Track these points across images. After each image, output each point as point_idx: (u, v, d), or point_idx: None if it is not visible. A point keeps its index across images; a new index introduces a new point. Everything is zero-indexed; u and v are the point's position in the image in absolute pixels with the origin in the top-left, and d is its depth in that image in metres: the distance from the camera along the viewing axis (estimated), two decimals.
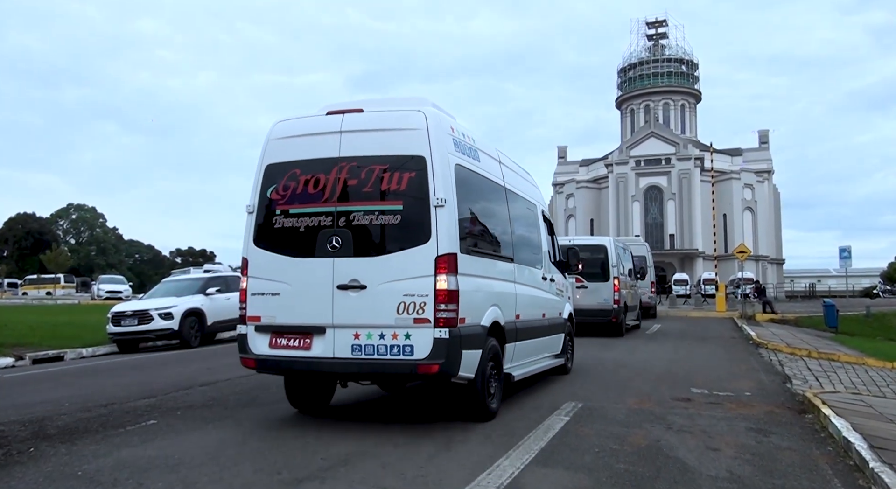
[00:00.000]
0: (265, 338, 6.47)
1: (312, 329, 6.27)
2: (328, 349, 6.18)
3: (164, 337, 15.29)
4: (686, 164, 74.76)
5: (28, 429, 6.41)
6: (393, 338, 6.02)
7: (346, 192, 6.38)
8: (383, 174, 6.29)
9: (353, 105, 6.74)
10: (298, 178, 6.56)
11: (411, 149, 6.27)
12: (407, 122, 6.39)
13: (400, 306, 6.01)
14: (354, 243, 6.24)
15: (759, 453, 5.49)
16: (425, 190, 6.13)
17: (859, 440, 5.38)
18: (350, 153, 6.43)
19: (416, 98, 6.87)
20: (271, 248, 6.58)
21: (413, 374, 6.18)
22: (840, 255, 31.15)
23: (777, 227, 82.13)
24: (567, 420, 6.65)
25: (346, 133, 6.49)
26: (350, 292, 6.16)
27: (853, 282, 59.87)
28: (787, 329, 20.77)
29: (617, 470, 4.91)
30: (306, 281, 6.33)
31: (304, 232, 6.43)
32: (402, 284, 6.05)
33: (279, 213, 6.59)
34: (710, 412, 7.23)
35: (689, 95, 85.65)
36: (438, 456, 5.27)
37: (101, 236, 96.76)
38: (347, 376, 6.67)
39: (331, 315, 6.19)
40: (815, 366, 11.30)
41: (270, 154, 6.82)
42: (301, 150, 6.66)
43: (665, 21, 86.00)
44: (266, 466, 4.97)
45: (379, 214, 6.26)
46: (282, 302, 6.41)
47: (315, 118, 6.79)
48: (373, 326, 6.07)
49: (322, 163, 6.50)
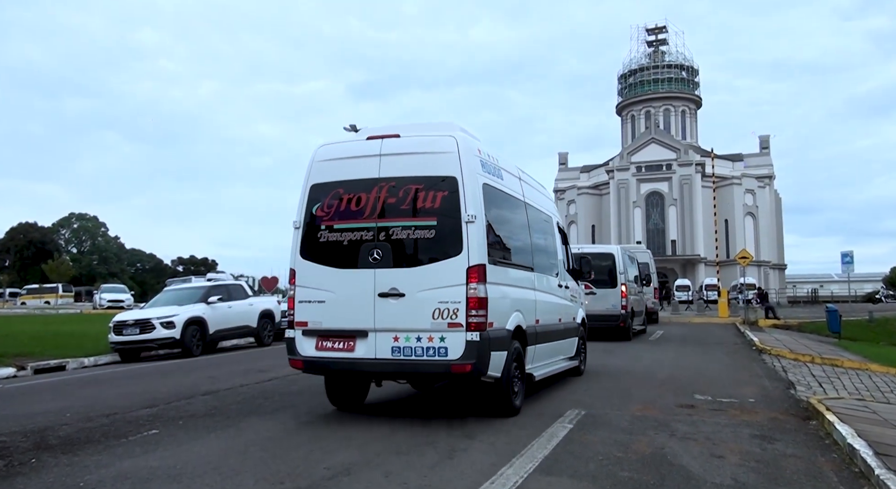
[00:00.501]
0: (312, 341, 7.14)
1: (356, 332, 6.95)
2: (370, 351, 6.86)
3: (165, 346, 15.28)
4: (687, 170, 74.75)
5: (30, 439, 6.40)
6: (429, 341, 6.68)
7: (386, 209, 7.07)
8: (419, 193, 6.98)
9: (391, 130, 7.43)
10: (342, 197, 7.25)
11: (444, 170, 6.96)
12: (440, 145, 7.07)
13: (435, 312, 6.68)
14: (393, 255, 6.93)
15: (763, 460, 5.46)
16: (457, 207, 6.82)
17: (864, 447, 5.35)
18: (388, 174, 7.12)
19: (446, 123, 7.59)
20: (317, 260, 7.26)
21: (448, 373, 6.74)
22: (842, 260, 31.01)
23: (779, 232, 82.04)
24: (571, 427, 6.63)
25: (385, 156, 7.19)
26: (390, 299, 6.85)
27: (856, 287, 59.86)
28: (789, 334, 20.72)
29: (621, 478, 4.89)
30: (350, 289, 7.02)
31: (348, 245, 7.13)
32: (437, 292, 6.72)
33: (324, 228, 7.29)
34: (714, 419, 7.20)
35: (689, 101, 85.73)
36: (441, 464, 5.24)
37: (102, 245, 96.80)
38: (387, 375, 7.37)
39: (373, 320, 6.87)
40: (819, 372, 11.26)
41: (315, 175, 7.49)
42: (344, 171, 7.35)
43: (665, 27, 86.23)
44: (268, 475, 4.95)
45: (415, 229, 6.95)
46: (327, 308, 7.09)
47: (356, 142, 7.58)
48: (411, 330, 6.73)
49: (363, 183, 7.18)
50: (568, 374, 10.28)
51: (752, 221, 76.34)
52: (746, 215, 75.98)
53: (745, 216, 75.82)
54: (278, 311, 19.20)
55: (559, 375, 9.68)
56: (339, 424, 6.92)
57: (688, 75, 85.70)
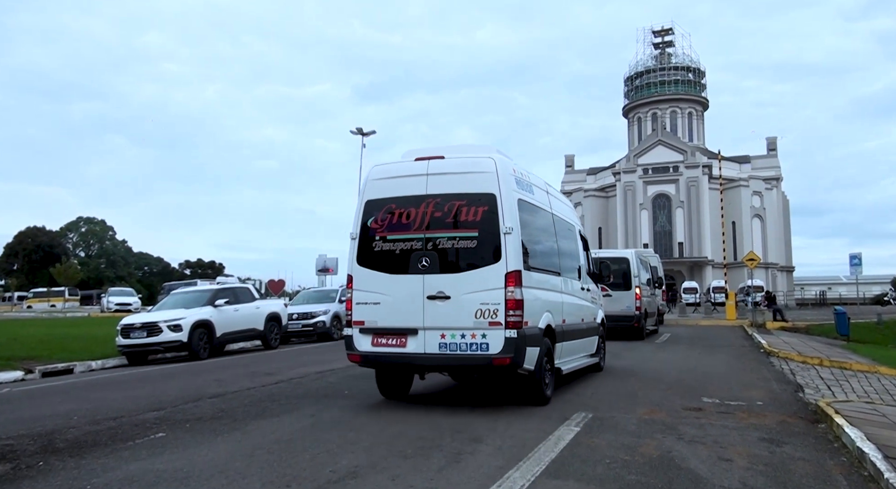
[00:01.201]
0: (368, 338, 8.04)
1: (407, 331, 7.83)
2: (420, 346, 7.74)
3: (173, 349, 15.32)
4: (694, 172, 74.64)
5: (37, 442, 6.42)
6: (472, 338, 7.56)
7: (432, 222, 7.94)
8: (461, 208, 7.85)
9: (436, 152, 8.35)
10: (393, 211, 8.16)
11: (484, 188, 7.83)
12: (480, 166, 7.98)
13: (477, 312, 7.55)
14: (440, 262, 7.83)
15: (771, 464, 5.43)
16: (496, 220, 7.69)
17: (874, 450, 5.31)
18: (435, 191, 8.01)
19: (484, 146, 8.55)
20: (372, 267, 8.15)
21: (489, 366, 7.55)
22: (850, 262, 30.88)
23: (786, 234, 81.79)
24: (577, 430, 6.61)
25: (431, 175, 8.09)
26: (437, 301, 7.72)
27: (864, 289, 59.51)
28: (798, 337, 20.62)
29: (629, 481, 4.87)
30: (402, 292, 7.90)
31: (399, 254, 8.03)
32: (479, 295, 7.59)
33: (378, 238, 8.18)
34: (722, 422, 7.17)
35: (696, 103, 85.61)
36: (448, 468, 5.23)
37: (110, 249, 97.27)
38: (435, 368, 8.21)
39: (422, 319, 7.75)
40: (828, 375, 11.20)
41: (369, 192, 8.40)
42: (395, 188, 8.25)
43: (671, 29, 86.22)
44: (275, 479, 4.94)
45: (459, 240, 7.84)
46: (382, 309, 7.99)
47: (405, 163, 8.41)
48: (456, 328, 7.61)
49: (412, 199, 8.09)
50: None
51: (760, 223, 76.12)
52: (754, 217, 75.77)
53: (753, 218, 75.62)
54: (285, 314, 19.28)
55: (566, 378, 9.72)
56: (346, 427, 6.92)
57: (694, 77, 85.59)
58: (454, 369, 8.33)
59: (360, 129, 38.82)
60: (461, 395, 9.10)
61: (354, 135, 38.83)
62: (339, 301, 21.94)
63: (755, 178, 76.57)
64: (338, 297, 22.15)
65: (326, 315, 21.03)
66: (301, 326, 20.70)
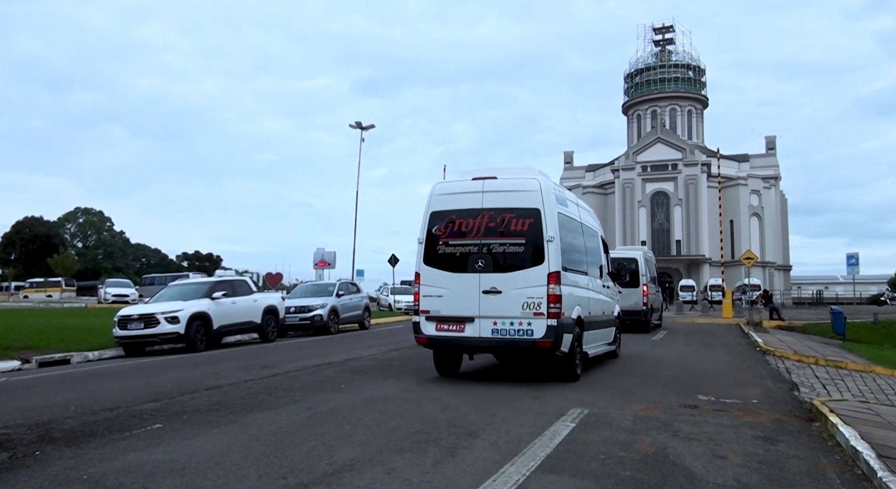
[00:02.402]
0: (432, 324, 9.77)
1: (465, 319, 9.52)
2: (476, 331, 9.45)
3: (170, 340, 15.31)
4: (693, 170, 74.64)
5: (34, 432, 6.43)
6: (519, 325, 9.24)
7: (487, 230, 9.62)
8: (511, 220, 9.52)
9: (490, 173, 10.00)
10: (454, 221, 9.86)
11: (530, 203, 9.51)
12: (527, 186, 9.66)
13: (524, 304, 9.23)
14: (493, 264, 9.51)
15: (766, 461, 5.45)
16: (540, 231, 9.38)
17: (867, 449, 5.34)
18: (489, 205, 9.69)
19: (530, 168, 10.27)
20: (436, 266, 9.84)
21: (533, 348, 9.21)
22: (847, 262, 30.86)
23: (784, 233, 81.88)
24: (573, 426, 6.63)
25: (486, 192, 9.77)
26: (490, 295, 9.40)
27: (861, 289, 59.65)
28: (794, 336, 20.67)
29: (623, 477, 4.89)
30: (461, 288, 9.59)
31: (459, 256, 9.72)
32: (526, 291, 9.26)
33: (441, 243, 9.87)
34: (717, 419, 7.20)
35: (695, 101, 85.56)
36: (444, 462, 5.25)
37: (108, 240, 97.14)
38: (487, 349, 9.95)
39: (478, 309, 9.44)
40: (823, 374, 11.24)
41: (434, 205, 10.12)
42: (455, 202, 9.96)
43: (672, 27, 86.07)
44: (271, 471, 4.96)
45: (509, 246, 9.53)
46: (444, 301, 9.70)
47: (464, 182, 10.07)
48: (506, 317, 9.29)
49: (470, 211, 9.78)
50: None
51: (758, 222, 76.18)
52: (752, 216, 75.83)
53: (751, 217, 75.67)
54: (282, 307, 19.29)
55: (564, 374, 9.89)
56: (342, 421, 6.93)
57: (694, 75, 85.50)
58: (503, 350, 10.30)
59: (359, 123, 38.76)
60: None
61: (353, 129, 38.77)
62: (337, 295, 22.00)
63: (754, 177, 76.59)
64: (335, 291, 22.17)
65: (324, 309, 21.04)
66: (298, 320, 20.72)
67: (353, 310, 23.26)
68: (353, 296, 23.54)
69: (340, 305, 22.09)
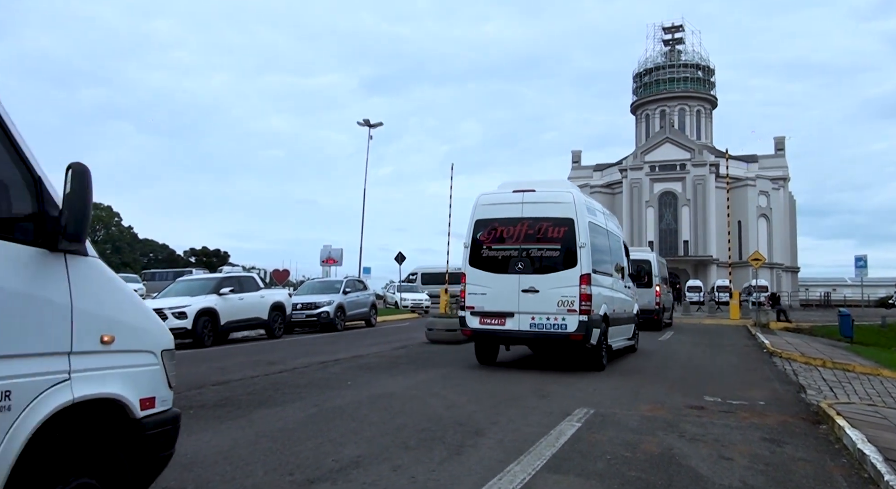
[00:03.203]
0: (476, 318, 11.15)
1: (506, 314, 10.89)
2: (515, 325, 10.83)
3: (177, 336, 15.35)
4: (701, 170, 74.35)
5: None
6: (554, 320, 10.57)
7: (526, 237, 11.00)
8: (548, 228, 10.88)
9: (529, 186, 11.37)
10: (496, 229, 11.28)
11: (565, 213, 10.88)
12: (562, 198, 11.07)
13: (559, 302, 10.56)
14: (532, 266, 10.89)
15: (772, 463, 5.45)
16: (573, 238, 10.72)
17: (874, 452, 5.33)
18: (528, 215, 11.09)
19: (564, 181, 12.68)
20: (481, 268, 11.26)
21: (567, 340, 10.59)
22: (856, 264, 30.82)
23: (792, 234, 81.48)
24: (579, 426, 6.64)
25: (525, 203, 11.14)
26: (529, 294, 10.74)
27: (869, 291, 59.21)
28: (801, 338, 20.59)
29: (629, 477, 4.89)
30: (502, 287, 10.96)
31: (501, 259, 11.13)
32: (560, 290, 10.59)
33: (485, 247, 11.28)
34: (724, 421, 7.19)
35: (704, 101, 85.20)
36: (449, 460, 5.27)
37: (116, 235, 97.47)
38: (524, 341, 11.60)
39: (517, 306, 10.80)
40: (830, 376, 11.20)
41: (478, 213, 11.54)
42: (498, 212, 11.37)
43: (682, 26, 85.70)
44: (278, 467, 4.99)
45: (546, 250, 10.88)
46: (487, 298, 11.09)
47: (505, 193, 11.45)
48: (542, 313, 10.64)
49: (511, 220, 11.18)
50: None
51: (766, 223, 75.85)
52: (760, 217, 75.50)
53: (759, 218, 75.34)
54: (289, 304, 19.35)
55: (568, 373, 10.11)
56: (349, 418, 6.96)
57: (703, 75, 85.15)
58: (539, 342, 11.58)
59: (367, 121, 38.80)
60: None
61: (361, 126, 38.82)
62: (344, 292, 22.04)
63: (762, 178, 76.24)
64: (342, 288, 22.21)
65: (330, 305, 21.10)
66: (305, 316, 20.78)
67: (360, 307, 23.31)
68: (359, 294, 23.60)
69: (347, 302, 22.15)
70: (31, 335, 2.60)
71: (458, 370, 11.11)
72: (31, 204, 2.72)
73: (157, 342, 3.43)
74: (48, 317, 2.68)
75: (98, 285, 3.03)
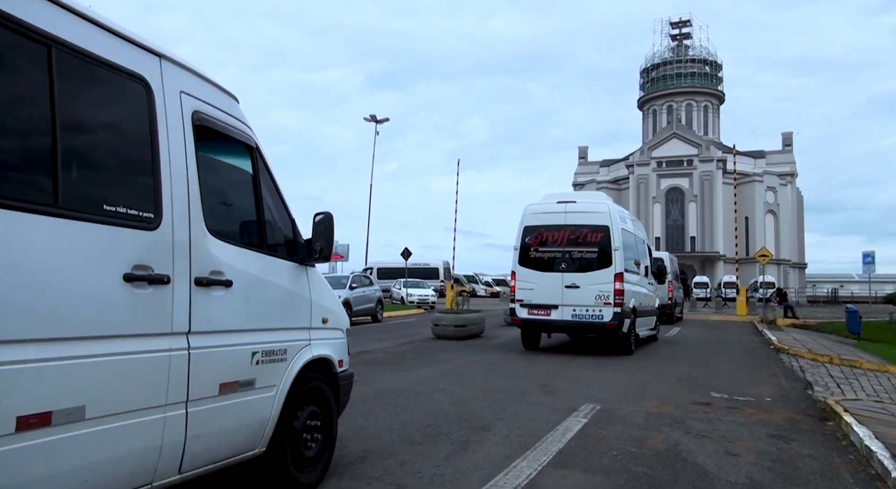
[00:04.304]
0: (525, 310, 13.28)
1: (551, 306, 13.00)
2: (559, 315, 12.92)
3: None
4: (708, 166, 74.14)
5: None
6: (592, 311, 12.64)
7: (568, 241, 13.05)
8: (587, 233, 12.93)
9: (571, 197, 13.90)
10: (542, 234, 13.33)
11: (601, 221, 12.96)
12: (599, 208, 13.26)
13: (596, 296, 12.61)
14: (573, 266, 12.93)
15: (779, 460, 5.44)
16: (609, 242, 12.80)
17: (881, 449, 5.31)
18: (570, 223, 13.14)
19: (600, 194, 15.27)
20: (529, 267, 13.33)
21: (603, 328, 12.65)
22: (863, 260, 30.55)
23: (800, 230, 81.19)
24: (585, 422, 6.64)
25: (568, 213, 13.22)
26: (571, 289, 12.81)
27: (876, 288, 59.02)
28: (808, 334, 20.52)
29: (635, 473, 4.89)
30: (548, 283, 13.04)
31: (547, 259, 13.20)
32: (598, 286, 12.64)
33: (532, 250, 13.35)
34: (730, 417, 7.17)
35: (712, 96, 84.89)
36: (455, 455, 5.27)
37: None
38: (566, 329, 13.63)
39: (561, 299, 12.89)
40: (837, 373, 11.16)
41: (527, 221, 13.58)
42: (544, 220, 13.42)
43: (689, 21, 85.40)
44: None
45: (586, 252, 12.93)
46: (535, 293, 13.15)
47: (551, 204, 13.53)
48: (582, 305, 12.72)
49: (555, 227, 13.25)
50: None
51: (773, 219, 75.61)
52: (767, 213, 75.28)
53: (766, 214, 75.13)
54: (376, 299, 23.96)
55: (572, 370, 10.11)
56: (355, 413, 6.96)
57: (711, 70, 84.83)
58: (578, 330, 13.36)
59: (373, 117, 38.80)
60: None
61: (368, 122, 38.83)
62: (350, 287, 22.09)
63: (770, 174, 75.98)
64: (348, 284, 22.26)
65: None
66: None
67: (366, 302, 23.32)
68: (365, 289, 23.60)
69: (353, 298, 22.16)
70: (295, 316, 4.27)
71: (463, 366, 11.11)
72: (290, 236, 4.36)
73: (345, 323, 5.00)
74: (301, 305, 4.32)
75: (319, 285, 4.61)
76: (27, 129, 2.58)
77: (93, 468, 2.71)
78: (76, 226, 2.65)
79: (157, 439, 3.02)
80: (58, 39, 2.68)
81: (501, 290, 46.06)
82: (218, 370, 3.45)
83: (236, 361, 3.61)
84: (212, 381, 3.39)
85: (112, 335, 2.81)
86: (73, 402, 2.59)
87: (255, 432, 3.78)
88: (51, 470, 2.51)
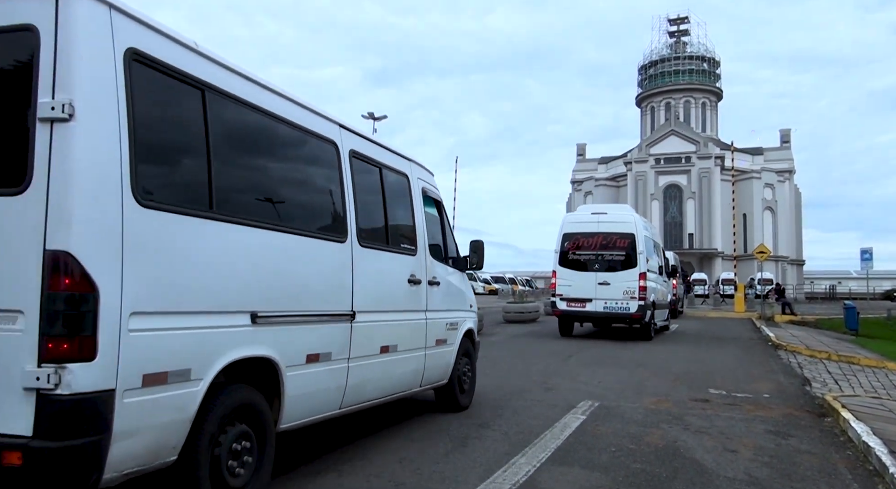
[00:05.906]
0: (564, 302, 15.91)
1: (586, 299, 15.58)
2: (593, 308, 15.54)
3: None
4: (706, 163, 74.17)
5: None
6: (621, 304, 15.23)
7: (601, 246, 15.69)
8: (617, 240, 15.60)
9: (602, 210, 16.85)
10: (580, 240, 15.97)
11: (628, 230, 15.66)
12: (626, 218, 16.17)
13: (624, 291, 15.19)
14: (605, 266, 15.57)
15: (777, 456, 5.45)
16: (634, 246, 15.45)
17: (879, 445, 5.32)
18: (602, 230, 15.77)
19: (627, 206, 19.77)
20: (567, 267, 16.02)
21: (629, 318, 15.35)
22: (861, 257, 30.56)
23: (797, 227, 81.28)
24: (584, 418, 6.65)
25: (601, 222, 15.91)
26: (603, 286, 15.37)
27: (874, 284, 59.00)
28: (806, 331, 20.55)
29: (633, 469, 4.90)
30: (583, 281, 15.65)
31: (583, 261, 15.90)
32: (625, 283, 15.22)
33: (570, 253, 16.06)
34: (728, 413, 7.19)
35: (710, 93, 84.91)
36: (454, 452, 5.28)
37: None
38: (599, 319, 16.26)
39: (594, 294, 15.47)
40: (835, 369, 11.18)
41: (566, 228, 16.29)
42: (580, 228, 16.11)
43: (687, 18, 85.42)
44: (284, 458, 5.00)
45: (615, 255, 15.58)
46: (572, 288, 15.78)
47: (586, 214, 16.77)
48: (612, 299, 15.28)
49: (590, 234, 15.87)
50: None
51: (771, 216, 75.69)
52: (765, 209, 75.36)
53: (764, 210, 75.21)
54: None
55: (571, 367, 10.14)
56: None
57: (709, 67, 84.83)
58: (609, 319, 16.00)
59: (371, 114, 38.72)
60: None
61: (366, 119, 38.76)
62: None
63: (768, 170, 76.02)
64: None
65: None
66: None
67: None
68: None
69: None
70: (462, 302, 7.11)
71: None
72: (456, 255, 7.10)
73: (475, 307, 7.53)
74: (464, 296, 7.17)
75: (465, 281, 7.35)
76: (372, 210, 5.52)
77: (404, 376, 5.79)
78: (395, 256, 5.71)
79: (420, 365, 6.02)
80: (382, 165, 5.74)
81: (500, 288, 45.96)
82: (436, 331, 6.31)
83: (441, 327, 6.45)
84: (434, 337, 6.26)
85: (406, 309, 5.77)
86: (394, 342, 5.48)
87: (446, 369, 6.63)
88: (390, 373, 5.50)
